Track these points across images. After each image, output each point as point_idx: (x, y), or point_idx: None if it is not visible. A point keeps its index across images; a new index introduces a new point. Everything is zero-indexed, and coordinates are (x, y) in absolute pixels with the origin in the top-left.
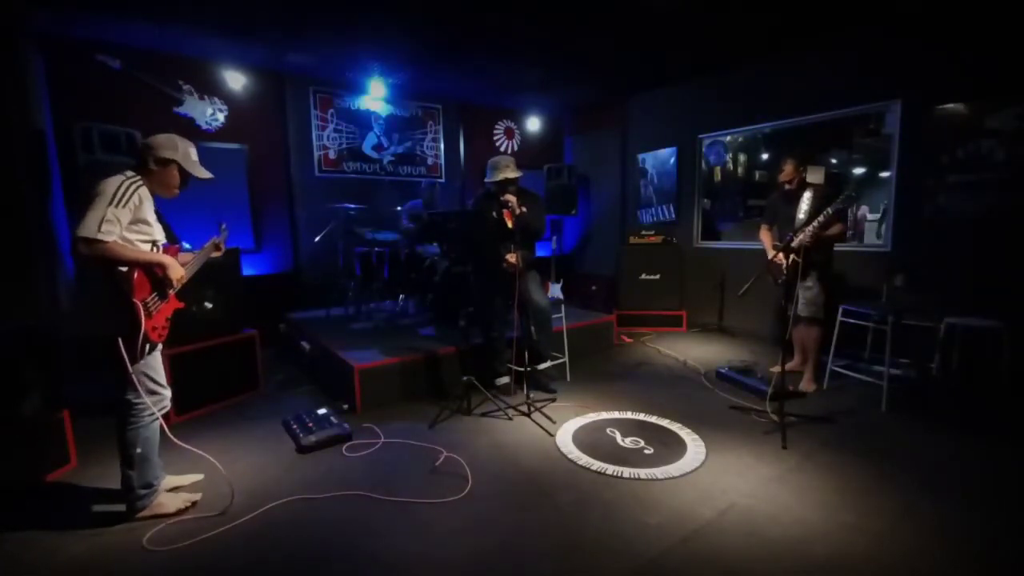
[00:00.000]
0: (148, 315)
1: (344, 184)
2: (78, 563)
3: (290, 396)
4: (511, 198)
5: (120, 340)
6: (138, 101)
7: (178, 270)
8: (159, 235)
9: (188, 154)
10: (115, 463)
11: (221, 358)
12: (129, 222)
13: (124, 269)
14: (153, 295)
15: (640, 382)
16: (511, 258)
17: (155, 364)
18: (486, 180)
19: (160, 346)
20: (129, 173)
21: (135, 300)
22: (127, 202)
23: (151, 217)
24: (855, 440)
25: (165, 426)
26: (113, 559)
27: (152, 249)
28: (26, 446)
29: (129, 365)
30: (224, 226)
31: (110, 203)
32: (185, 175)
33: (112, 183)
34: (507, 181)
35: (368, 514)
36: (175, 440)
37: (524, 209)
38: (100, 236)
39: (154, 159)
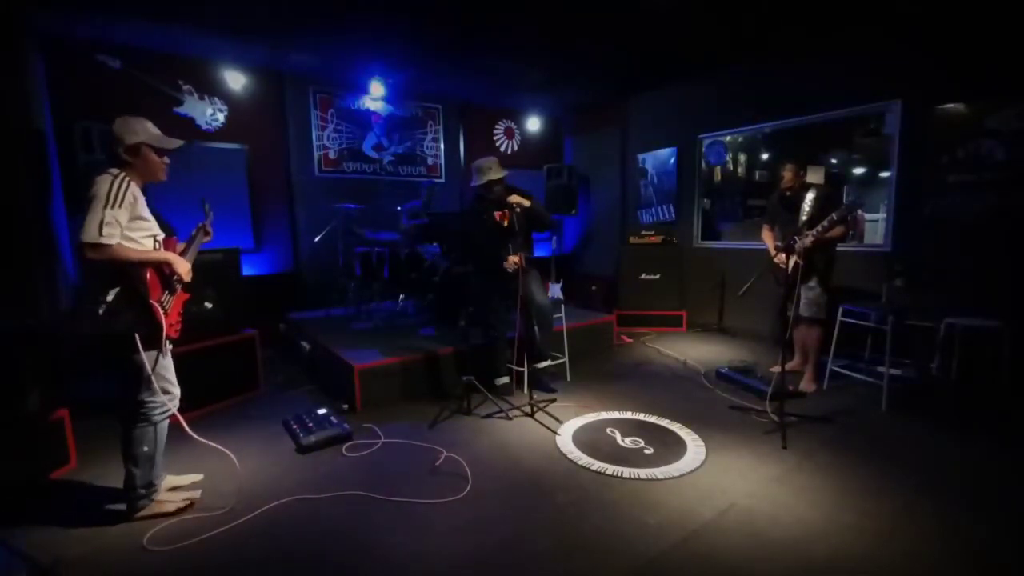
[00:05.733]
0: (165, 313)
1: (344, 184)
2: (78, 563)
3: (290, 396)
4: (519, 200)
5: (139, 341)
6: (138, 101)
7: (184, 264)
8: (157, 229)
9: (149, 130)
10: (115, 463)
11: (221, 358)
12: (128, 220)
13: (137, 270)
14: (165, 293)
15: (640, 382)
16: (515, 259)
17: (167, 363)
18: (474, 183)
19: (171, 345)
20: (114, 171)
21: (153, 301)
22: (122, 201)
23: (147, 212)
24: (855, 440)
25: (184, 423)
26: (113, 559)
27: (153, 244)
28: (26, 446)
29: (149, 366)
30: (208, 205)
31: (106, 205)
32: (159, 153)
33: (103, 184)
34: (492, 183)
35: (368, 514)
36: (195, 436)
37: (528, 203)
38: (103, 240)
39: (124, 149)
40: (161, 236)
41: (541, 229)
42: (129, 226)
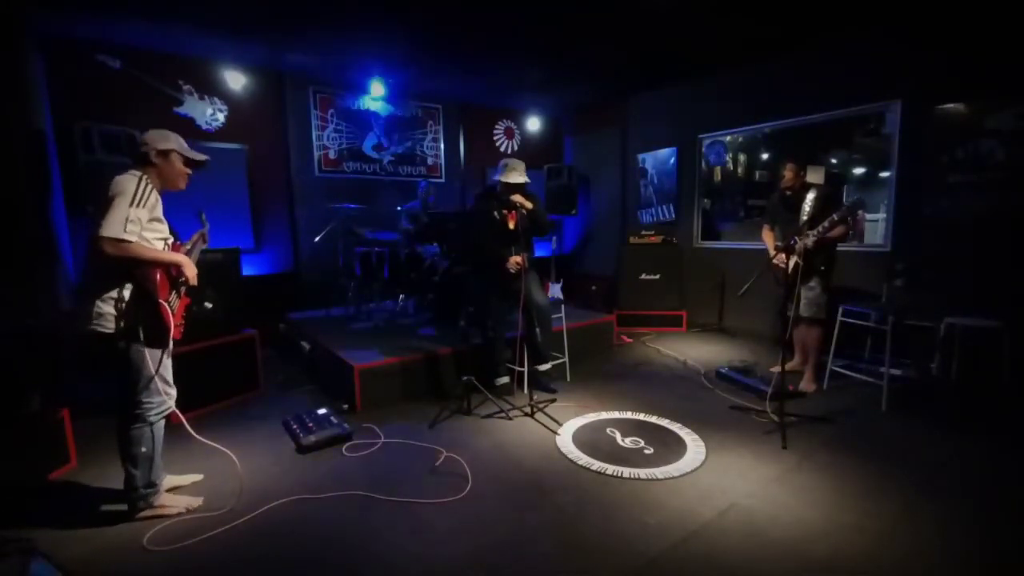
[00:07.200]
0: (172, 314)
1: (344, 184)
2: (78, 563)
3: (290, 396)
4: (523, 201)
5: (146, 339)
6: (138, 101)
7: (193, 268)
8: (168, 233)
9: (181, 142)
10: (115, 463)
11: (221, 358)
12: (147, 221)
13: (148, 270)
14: (172, 294)
15: (640, 382)
16: (518, 259)
17: (166, 363)
18: (496, 176)
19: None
20: (136, 172)
21: (162, 301)
22: (146, 201)
23: (162, 216)
24: (855, 440)
25: (185, 421)
26: (113, 559)
27: (164, 247)
28: (26, 446)
29: (153, 366)
30: (204, 215)
31: (131, 203)
32: (186, 163)
33: (130, 182)
34: (516, 185)
35: (368, 514)
36: (196, 435)
37: (531, 205)
38: (125, 236)
39: (155, 152)
40: (171, 240)
41: (540, 234)
42: (145, 227)
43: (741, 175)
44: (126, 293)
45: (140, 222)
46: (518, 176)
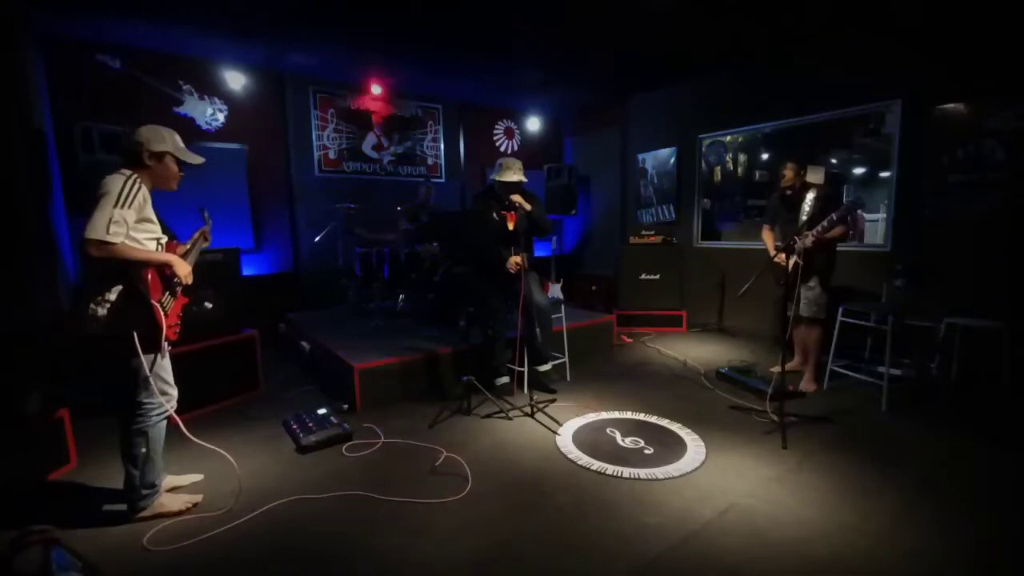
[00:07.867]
0: (165, 314)
1: (344, 184)
2: None
3: (290, 396)
4: (521, 201)
5: (138, 341)
6: (138, 101)
7: (185, 267)
8: (160, 232)
9: (177, 142)
10: (115, 463)
11: (221, 358)
12: (135, 221)
13: (139, 270)
14: (166, 294)
15: (640, 382)
16: (517, 259)
17: (165, 364)
18: (493, 176)
19: (169, 346)
20: (127, 172)
21: (153, 302)
22: (132, 201)
23: (153, 215)
24: (855, 440)
25: (181, 424)
26: (113, 559)
27: (157, 247)
28: (26, 446)
29: (147, 366)
30: (207, 212)
31: (116, 204)
32: (179, 164)
33: (115, 183)
34: (513, 184)
35: (368, 514)
36: (192, 438)
37: (530, 207)
38: (108, 238)
39: (149, 154)
40: (164, 239)
41: (540, 235)
42: (135, 227)
43: (741, 175)
44: (121, 294)
45: (126, 223)
46: (513, 175)
